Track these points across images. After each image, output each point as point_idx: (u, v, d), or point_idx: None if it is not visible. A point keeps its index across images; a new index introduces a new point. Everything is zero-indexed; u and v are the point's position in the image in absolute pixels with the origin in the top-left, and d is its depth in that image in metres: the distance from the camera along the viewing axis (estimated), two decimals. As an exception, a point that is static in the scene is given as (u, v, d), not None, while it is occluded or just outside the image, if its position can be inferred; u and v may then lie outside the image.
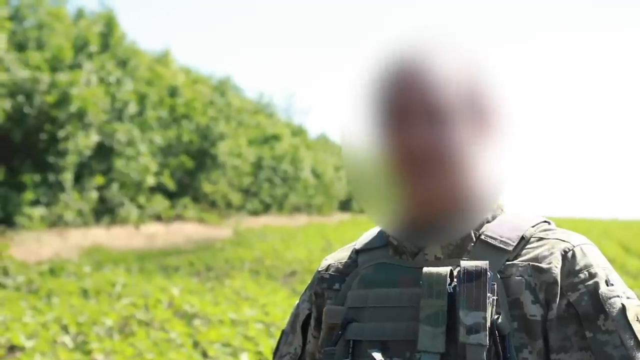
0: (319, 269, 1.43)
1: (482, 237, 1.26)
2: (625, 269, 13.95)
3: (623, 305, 1.18)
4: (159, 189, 29.47)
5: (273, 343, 7.13)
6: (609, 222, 53.23)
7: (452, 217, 1.25)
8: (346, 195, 59.34)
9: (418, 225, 1.25)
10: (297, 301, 1.46)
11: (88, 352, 6.85)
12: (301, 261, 16.18)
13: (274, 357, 1.45)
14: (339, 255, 1.43)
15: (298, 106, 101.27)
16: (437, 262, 1.25)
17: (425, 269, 1.20)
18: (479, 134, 1.21)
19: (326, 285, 1.38)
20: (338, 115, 1.29)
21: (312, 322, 1.39)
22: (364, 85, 1.24)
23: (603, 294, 1.19)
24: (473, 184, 1.23)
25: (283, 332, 1.46)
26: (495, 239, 1.25)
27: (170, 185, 30.11)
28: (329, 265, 1.42)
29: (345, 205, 60.58)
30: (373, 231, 1.41)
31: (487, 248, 1.24)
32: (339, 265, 1.39)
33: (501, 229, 1.27)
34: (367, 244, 1.38)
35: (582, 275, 1.20)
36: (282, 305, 9.41)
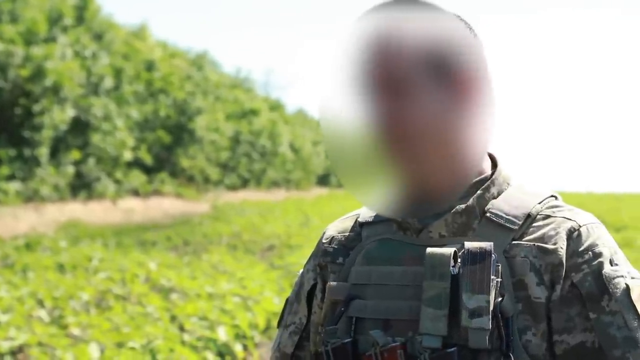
0: (323, 241, 1.40)
1: (488, 214, 1.23)
2: (601, 242, 14.09)
3: (627, 286, 1.16)
4: (136, 163, 29.33)
5: (250, 317, 7.15)
6: (585, 195, 53.66)
7: (437, 189, 1.22)
8: (324, 170, 59.46)
9: (402, 200, 1.23)
10: (302, 270, 1.44)
11: (64, 327, 6.82)
12: (279, 236, 16.19)
13: (278, 326, 1.43)
14: (342, 226, 1.40)
15: (276, 81, 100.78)
16: (442, 240, 1.23)
17: (429, 250, 1.18)
18: (455, 102, 1.19)
19: (330, 259, 1.36)
20: (319, 89, 1.27)
21: (318, 293, 1.37)
22: (341, 58, 1.22)
23: (607, 274, 1.16)
24: (454, 155, 1.21)
25: (287, 301, 1.44)
26: (500, 217, 1.22)
27: (148, 160, 29.97)
28: (332, 237, 1.39)
29: (323, 180, 60.70)
30: None
31: (492, 226, 1.22)
32: (342, 238, 1.37)
33: (507, 206, 1.24)
34: (371, 216, 1.35)
35: (586, 256, 1.18)
36: (259, 279, 9.42)
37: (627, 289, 1.16)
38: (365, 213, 1.37)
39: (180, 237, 16.06)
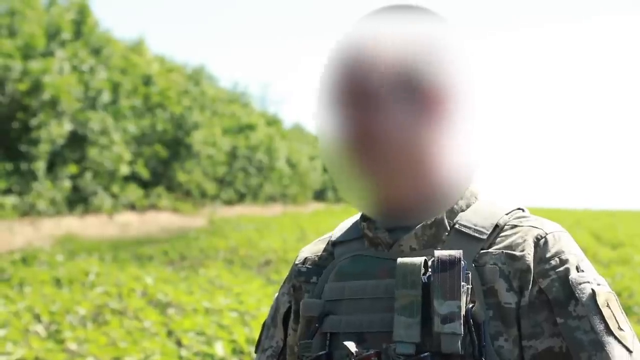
0: (296, 262, 1.43)
1: (457, 226, 1.25)
2: (597, 257, 14.09)
3: (593, 291, 1.18)
4: (133, 178, 29.33)
5: (247, 332, 7.13)
6: (581, 212, 53.70)
7: (418, 202, 1.26)
8: (321, 185, 59.43)
9: (388, 208, 1.27)
10: (277, 294, 1.45)
11: (61, 341, 6.80)
12: (275, 251, 16.17)
13: (256, 351, 1.44)
14: (315, 247, 1.43)
15: (273, 96, 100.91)
16: (413, 253, 1.25)
17: (400, 260, 1.19)
18: (428, 118, 1.21)
19: (303, 279, 1.38)
20: (311, 102, 1.31)
21: (292, 315, 1.39)
22: (323, 73, 1.26)
23: (573, 280, 1.18)
24: (434, 169, 1.23)
25: (264, 325, 1.45)
26: (469, 227, 1.25)
27: (145, 174, 29.97)
28: (305, 258, 1.41)
29: (320, 195, 60.66)
30: (349, 222, 1.41)
31: (461, 237, 1.24)
32: (315, 258, 1.39)
33: (475, 217, 1.26)
34: (342, 235, 1.38)
35: (553, 262, 1.20)
36: (256, 295, 9.40)
37: (593, 294, 1.18)
38: (338, 233, 1.40)
39: (176, 252, 16.02)
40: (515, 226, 1.25)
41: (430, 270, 1.17)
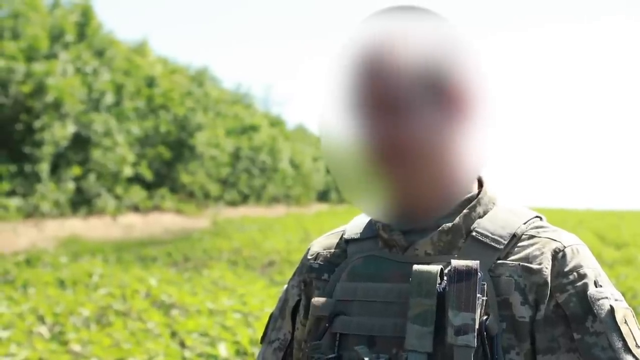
0: (308, 257, 1.41)
1: (473, 233, 1.24)
2: (601, 258, 14.07)
3: (611, 307, 1.17)
4: (137, 179, 29.35)
5: (251, 333, 7.13)
6: (584, 212, 53.68)
7: (435, 204, 1.23)
8: (324, 186, 59.45)
9: (403, 212, 1.24)
10: (286, 285, 1.44)
11: (65, 343, 6.81)
12: (279, 251, 16.17)
13: (262, 342, 1.42)
14: (327, 242, 1.41)
15: (276, 97, 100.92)
16: (428, 258, 1.23)
17: (416, 267, 1.18)
18: (450, 119, 1.19)
19: (315, 275, 1.36)
20: (316, 106, 1.27)
21: (301, 310, 1.38)
22: (337, 75, 1.22)
23: (591, 295, 1.17)
24: (454, 170, 1.21)
25: (271, 316, 1.44)
26: (486, 236, 1.23)
27: (148, 175, 29.98)
28: (317, 253, 1.39)
29: (323, 196, 60.68)
30: (363, 219, 1.38)
31: (478, 245, 1.22)
32: (328, 255, 1.37)
33: (493, 225, 1.25)
34: (357, 233, 1.36)
35: (571, 277, 1.19)
36: (260, 296, 9.40)
37: (612, 310, 1.16)
38: (351, 230, 1.37)
39: (180, 253, 16.04)
40: (533, 237, 1.24)
41: (446, 279, 1.16)
